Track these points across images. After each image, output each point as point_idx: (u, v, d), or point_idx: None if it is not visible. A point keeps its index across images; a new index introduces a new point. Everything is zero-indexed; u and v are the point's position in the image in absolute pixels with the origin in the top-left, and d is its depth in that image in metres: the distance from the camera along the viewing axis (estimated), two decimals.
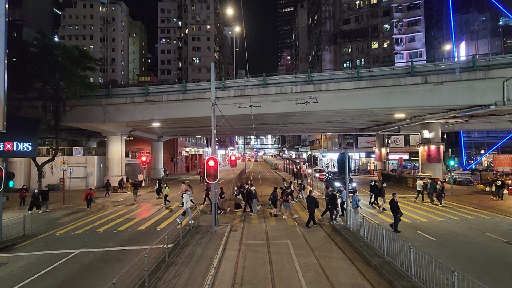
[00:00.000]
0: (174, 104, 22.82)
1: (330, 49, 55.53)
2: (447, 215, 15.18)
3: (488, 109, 18.86)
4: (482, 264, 8.70)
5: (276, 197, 16.01)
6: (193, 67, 65.73)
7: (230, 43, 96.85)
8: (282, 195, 15.73)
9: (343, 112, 23.84)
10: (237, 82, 22.98)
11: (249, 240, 11.40)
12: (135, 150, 38.97)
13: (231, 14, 47.82)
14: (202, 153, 60.43)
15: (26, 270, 8.81)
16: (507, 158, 31.54)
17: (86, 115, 23.95)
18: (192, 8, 66.67)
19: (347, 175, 12.50)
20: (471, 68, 18.73)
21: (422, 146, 28.07)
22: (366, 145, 47.53)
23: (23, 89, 20.25)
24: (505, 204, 17.97)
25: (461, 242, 10.79)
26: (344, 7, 54.42)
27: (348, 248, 10.21)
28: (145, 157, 28.81)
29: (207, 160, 11.86)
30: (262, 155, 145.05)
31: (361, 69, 21.05)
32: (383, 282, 7.53)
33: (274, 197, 16.02)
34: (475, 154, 43.37)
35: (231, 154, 38.47)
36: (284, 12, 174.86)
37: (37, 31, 22.57)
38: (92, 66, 23.83)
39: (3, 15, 11.94)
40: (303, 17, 77.66)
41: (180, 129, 34.74)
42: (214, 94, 13.79)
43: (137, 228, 13.61)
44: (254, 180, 35.47)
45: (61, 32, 68.25)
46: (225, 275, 8.16)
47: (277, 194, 16.16)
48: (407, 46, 49.34)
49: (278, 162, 74.05)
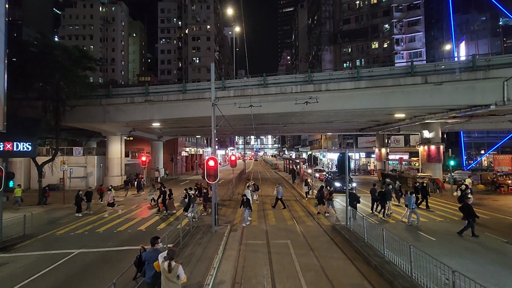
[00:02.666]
0: (174, 104, 22.82)
1: (330, 49, 55.51)
2: (447, 215, 15.19)
3: (488, 109, 18.83)
4: (482, 264, 8.71)
5: (323, 195, 16.15)
6: (193, 67, 65.72)
7: (230, 43, 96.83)
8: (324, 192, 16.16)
9: (343, 112, 23.83)
10: (237, 82, 22.98)
11: (249, 240, 11.40)
12: (135, 150, 39.00)
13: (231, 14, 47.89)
14: (202, 153, 60.43)
15: (26, 270, 8.82)
16: (507, 158, 31.53)
17: (86, 115, 23.95)
18: (192, 8, 66.66)
19: (347, 175, 12.50)
20: (471, 68, 18.72)
21: (422, 146, 28.06)
22: (366, 145, 47.53)
23: (23, 89, 20.25)
24: (505, 204, 17.97)
25: (461, 242, 10.79)
26: (344, 7, 54.41)
27: (348, 248, 10.21)
28: (145, 157, 28.83)
29: (207, 160, 11.87)
30: (262, 155, 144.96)
31: (361, 69, 21.03)
32: (383, 282, 7.54)
33: (321, 195, 16.15)
34: (475, 154, 43.34)
35: (231, 154, 38.48)
36: (284, 12, 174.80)
37: (37, 31, 22.60)
38: (92, 66, 23.81)
39: (3, 15, 11.94)
40: (303, 17, 77.64)
41: (180, 129, 34.73)
42: (214, 94, 13.79)
43: (137, 228, 13.61)
44: (253, 181, 35.56)
45: (61, 32, 68.21)
46: (225, 275, 8.16)
47: (323, 192, 16.23)
48: (407, 46, 49.33)
49: (278, 162, 74.02)
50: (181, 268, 5.63)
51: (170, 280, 5.51)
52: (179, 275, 5.54)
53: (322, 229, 12.88)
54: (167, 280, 5.52)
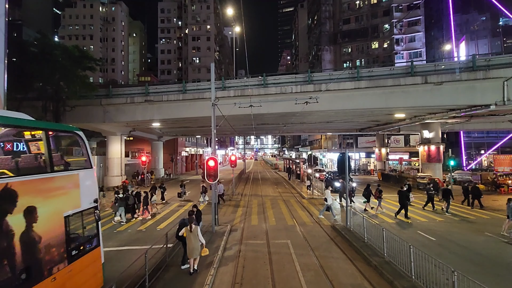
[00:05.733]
0: (174, 104, 22.82)
1: (330, 49, 55.52)
2: (447, 215, 15.19)
3: (488, 109, 18.84)
4: (482, 264, 8.71)
5: (371, 193, 16.50)
6: (193, 67, 65.71)
7: (230, 43, 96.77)
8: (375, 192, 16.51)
9: (343, 112, 23.84)
10: (237, 82, 22.98)
11: (249, 240, 11.41)
12: (135, 150, 39.01)
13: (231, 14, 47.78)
14: (202, 153, 60.43)
15: None
16: (507, 158, 31.55)
17: (86, 115, 23.94)
18: (192, 8, 66.65)
19: (347, 175, 12.50)
20: (471, 68, 18.72)
21: (422, 146, 28.05)
22: (366, 145, 47.53)
23: (23, 89, 20.24)
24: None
25: (461, 242, 10.80)
26: (344, 7, 54.42)
27: (348, 248, 10.21)
28: (145, 157, 28.83)
29: (207, 160, 11.87)
30: (262, 155, 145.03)
31: (361, 69, 21.03)
32: (383, 282, 7.54)
33: (368, 193, 16.54)
34: (475, 154, 43.33)
35: (231, 154, 38.48)
36: (284, 12, 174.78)
37: (37, 31, 22.56)
38: (92, 66, 23.82)
39: (3, 15, 11.94)
40: (303, 17, 77.63)
41: (180, 129, 34.74)
42: (214, 94, 13.79)
43: (137, 228, 13.61)
44: (253, 181, 35.63)
45: (61, 32, 68.20)
46: (225, 275, 8.16)
47: (371, 190, 16.56)
48: (407, 46, 49.34)
49: (278, 162, 74.00)
50: (199, 229, 8.28)
51: (192, 238, 8.03)
52: (198, 233, 8.14)
53: (322, 229, 12.88)
54: (189, 237, 8.05)
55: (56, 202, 5.37)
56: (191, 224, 8.12)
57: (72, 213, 5.73)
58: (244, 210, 17.42)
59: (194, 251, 7.97)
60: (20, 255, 4.37)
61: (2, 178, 4.39)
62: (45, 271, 4.87)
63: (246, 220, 14.73)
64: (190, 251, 7.99)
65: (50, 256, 4.99)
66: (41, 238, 4.81)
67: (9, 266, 4.23)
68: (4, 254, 4.17)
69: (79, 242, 5.94)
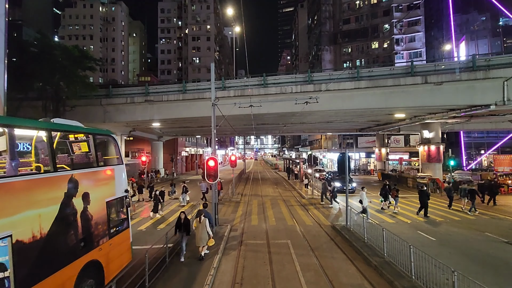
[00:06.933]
0: (174, 104, 22.81)
1: (330, 49, 55.51)
2: (447, 215, 15.19)
3: (488, 109, 18.83)
4: (482, 264, 8.71)
5: (388, 192, 16.70)
6: (193, 67, 65.68)
7: (230, 43, 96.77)
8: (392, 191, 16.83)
9: (343, 112, 23.84)
10: (237, 82, 22.98)
11: (249, 240, 11.41)
12: (135, 150, 38.99)
13: (231, 14, 47.75)
14: (202, 153, 60.41)
15: None
16: (507, 158, 31.51)
17: (86, 115, 23.89)
18: (192, 8, 66.62)
19: (347, 175, 12.50)
20: (471, 68, 18.72)
21: (422, 146, 28.04)
22: (366, 145, 47.52)
23: (23, 89, 20.21)
24: (505, 204, 17.96)
25: (461, 242, 10.80)
26: (344, 7, 54.41)
27: (348, 248, 10.21)
28: (145, 157, 28.81)
29: (207, 160, 11.87)
30: (262, 155, 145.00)
31: (361, 69, 21.03)
32: (383, 282, 7.54)
33: (385, 192, 16.73)
34: (475, 154, 43.33)
35: (231, 154, 38.43)
36: (284, 12, 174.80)
37: (37, 31, 22.51)
38: (92, 66, 23.79)
39: (3, 15, 11.95)
40: (303, 17, 77.63)
41: (180, 129, 34.73)
42: (214, 94, 13.79)
43: (137, 228, 13.60)
44: (253, 181, 35.62)
45: (61, 32, 68.19)
46: (225, 275, 8.17)
47: (387, 189, 16.79)
48: (407, 46, 49.34)
49: (278, 162, 73.99)
50: (207, 221, 9.31)
51: (200, 228, 9.06)
52: (206, 225, 9.17)
53: (322, 229, 12.88)
54: (198, 227, 9.09)
55: (100, 190, 6.92)
56: (200, 216, 9.31)
57: (111, 199, 7.28)
58: (244, 210, 17.42)
59: (201, 240, 9.02)
60: (80, 228, 5.96)
61: (67, 170, 5.99)
62: (95, 242, 6.46)
63: (246, 220, 14.73)
64: (197, 239, 9.07)
65: (98, 231, 6.58)
66: (92, 217, 6.37)
67: (74, 235, 5.79)
68: (71, 226, 5.72)
69: (116, 223, 7.49)
